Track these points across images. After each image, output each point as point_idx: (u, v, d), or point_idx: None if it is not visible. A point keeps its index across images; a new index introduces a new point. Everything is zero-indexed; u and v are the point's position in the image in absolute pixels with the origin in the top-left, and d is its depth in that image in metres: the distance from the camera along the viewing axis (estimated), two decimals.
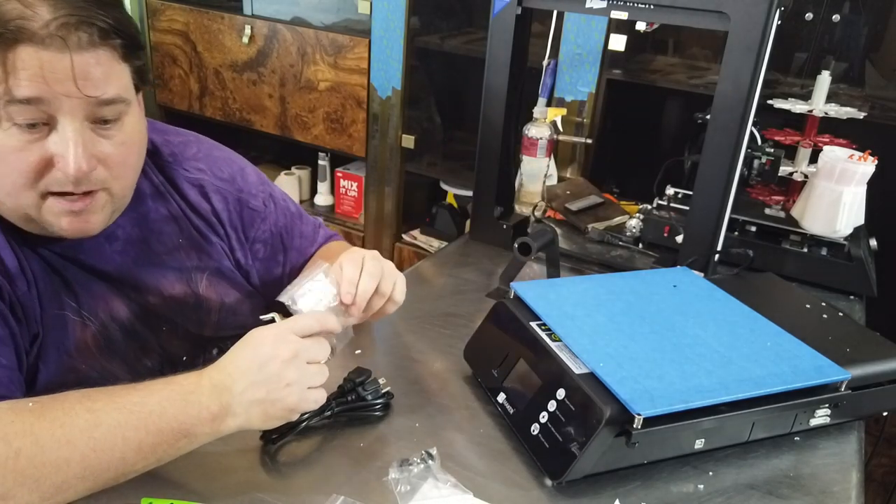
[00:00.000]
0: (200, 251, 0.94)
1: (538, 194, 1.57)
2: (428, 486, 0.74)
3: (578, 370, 0.80)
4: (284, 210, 1.06)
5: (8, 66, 0.67)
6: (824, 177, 1.30)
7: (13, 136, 0.70)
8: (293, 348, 0.72)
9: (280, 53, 2.13)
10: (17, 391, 0.74)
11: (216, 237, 0.96)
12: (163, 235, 0.91)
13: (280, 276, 1.05)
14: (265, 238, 1.03)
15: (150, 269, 0.89)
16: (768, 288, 1.13)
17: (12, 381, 0.74)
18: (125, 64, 0.75)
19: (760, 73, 1.09)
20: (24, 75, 0.67)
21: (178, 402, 0.69)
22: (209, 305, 0.95)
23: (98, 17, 0.69)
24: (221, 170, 0.98)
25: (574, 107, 1.81)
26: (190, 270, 0.93)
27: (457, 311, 1.15)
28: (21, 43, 0.66)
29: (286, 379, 0.71)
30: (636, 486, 0.79)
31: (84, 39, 0.69)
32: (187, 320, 0.93)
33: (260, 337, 0.73)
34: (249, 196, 1.00)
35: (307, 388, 0.73)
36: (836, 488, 0.81)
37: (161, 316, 0.91)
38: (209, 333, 0.96)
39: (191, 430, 0.69)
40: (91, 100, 0.71)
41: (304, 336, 0.74)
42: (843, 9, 1.66)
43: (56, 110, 0.70)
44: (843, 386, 0.85)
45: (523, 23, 1.27)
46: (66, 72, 0.69)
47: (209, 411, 0.69)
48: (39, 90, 0.68)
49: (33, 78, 0.67)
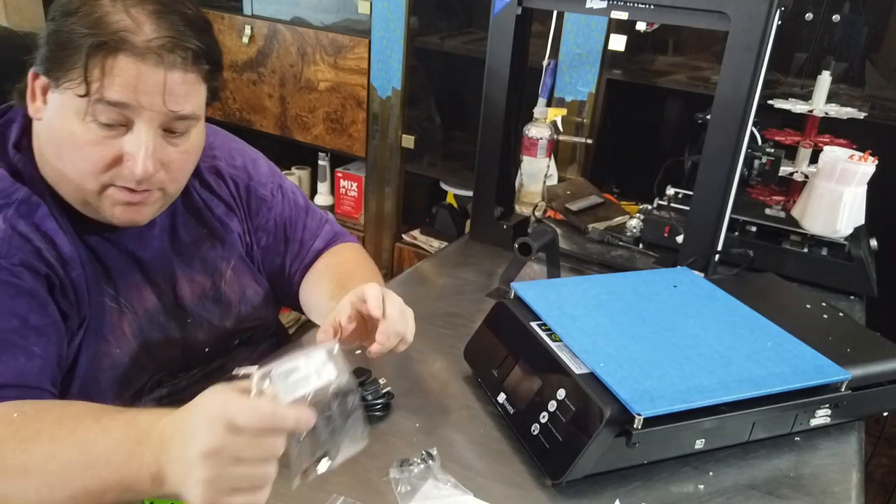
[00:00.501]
0: (223, 241, 0.98)
1: (538, 194, 1.57)
2: (428, 487, 0.74)
3: (579, 370, 0.80)
4: (292, 202, 1.08)
5: (106, 70, 0.73)
6: (825, 177, 1.30)
7: (92, 130, 0.75)
8: (214, 441, 0.56)
9: (280, 53, 2.13)
10: (47, 381, 0.75)
11: (235, 220, 1.00)
12: (188, 226, 0.95)
13: (280, 266, 1.07)
14: (269, 227, 1.05)
15: (179, 259, 0.93)
16: (769, 288, 1.13)
17: (44, 372, 0.75)
18: (205, 84, 0.82)
19: (761, 73, 1.09)
20: (119, 81, 0.73)
21: (124, 452, 0.61)
22: (230, 298, 0.98)
23: (193, 42, 0.76)
24: (234, 158, 1.02)
25: (574, 107, 1.81)
26: (215, 261, 0.97)
27: (457, 311, 1.15)
28: (122, 52, 0.73)
29: (198, 473, 0.56)
30: (636, 487, 0.79)
31: (178, 60, 0.75)
32: (210, 313, 0.96)
33: (201, 404, 0.60)
34: (258, 185, 1.03)
35: (230, 489, 0.57)
36: (836, 488, 0.81)
37: (186, 308, 0.93)
38: (231, 326, 0.98)
39: (132, 486, 0.61)
40: (171, 114, 0.77)
41: (246, 426, 0.57)
42: (843, 9, 1.66)
43: (136, 116, 0.76)
44: (843, 386, 0.85)
45: (523, 23, 1.27)
46: (157, 86, 0.75)
47: (149, 471, 0.60)
48: (128, 97, 0.74)
49: (126, 85, 0.73)
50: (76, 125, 0.75)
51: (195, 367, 0.96)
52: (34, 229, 0.77)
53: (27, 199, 0.78)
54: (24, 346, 0.73)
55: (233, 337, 1.00)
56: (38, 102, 0.79)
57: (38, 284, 0.76)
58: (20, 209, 0.77)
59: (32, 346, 0.74)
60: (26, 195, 0.78)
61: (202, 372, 0.97)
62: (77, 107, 0.75)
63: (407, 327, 0.83)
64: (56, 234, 0.79)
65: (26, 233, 0.77)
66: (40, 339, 0.75)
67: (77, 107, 0.75)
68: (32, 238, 0.77)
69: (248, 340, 1.04)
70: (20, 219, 0.77)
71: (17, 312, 0.74)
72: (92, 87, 0.73)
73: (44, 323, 0.76)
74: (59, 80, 0.75)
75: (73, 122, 0.75)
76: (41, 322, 0.75)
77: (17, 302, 0.74)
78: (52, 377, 0.77)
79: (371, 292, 0.81)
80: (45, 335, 0.75)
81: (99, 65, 0.72)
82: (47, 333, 0.76)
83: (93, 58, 0.72)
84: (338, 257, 1.08)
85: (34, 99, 0.79)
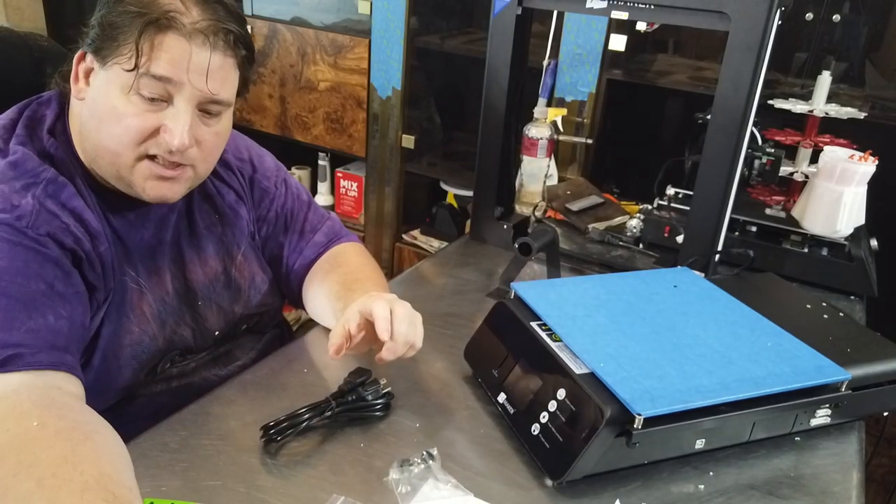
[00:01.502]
0: (234, 227, 1.01)
1: (538, 194, 1.57)
2: (428, 487, 0.74)
3: (579, 370, 0.80)
4: (295, 196, 1.10)
5: (154, 45, 0.78)
6: (825, 177, 1.30)
7: (134, 103, 0.80)
8: None
9: (280, 53, 2.13)
10: (73, 345, 0.77)
11: (244, 208, 1.03)
12: (203, 212, 0.98)
13: (279, 256, 1.09)
14: (270, 218, 1.07)
15: (193, 242, 0.97)
16: (769, 288, 1.13)
17: (71, 335, 0.76)
18: (239, 73, 0.87)
19: (761, 73, 1.09)
20: (166, 58, 0.78)
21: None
22: (240, 283, 1.01)
23: (234, 27, 0.83)
24: (241, 152, 1.06)
25: (574, 107, 1.81)
26: (227, 245, 1.00)
27: (457, 311, 1.15)
28: (171, 30, 0.78)
29: None
30: (637, 487, 0.79)
31: (220, 43, 0.81)
32: (221, 297, 0.99)
33: None
34: (262, 177, 1.07)
35: None
36: (836, 488, 0.81)
37: (198, 291, 0.96)
38: (239, 311, 1.01)
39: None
40: (209, 94, 0.82)
41: None
42: (843, 9, 1.66)
43: (177, 92, 0.81)
44: (843, 386, 0.85)
45: (523, 23, 1.27)
46: (201, 65, 0.81)
47: None
48: (174, 73, 0.79)
49: (172, 62, 0.79)
50: (119, 99, 0.80)
51: (205, 350, 0.99)
52: (61, 207, 0.80)
53: (54, 179, 0.81)
54: (51, 306, 0.75)
55: (241, 322, 1.02)
56: (80, 83, 0.83)
57: (63, 255, 0.79)
58: (48, 188, 0.80)
59: (60, 309, 0.76)
60: (53, 175, 0.81)
61: (210, 355, 1.00)
62: (123, 81, 0.79)
63: (416, 335, 0.87)
64: (84, 210, 0.82)
65: (54, 209, 0.80)
66: (65, 305, 0.77)
67: (123, 81, 0.79)
68: (60, 214, 0.80)
69: (254, 327, 1.06)
70: (48, 197, 0.80)
71: (45, 278, 0.76)
72: (140, 61, 0.78)
73: (68, 291, 0.78)
74: (106, 59, 0.79)
75: (117, 95, 0.80)
76: (66, 290, 0.77)
77: (45, 269, 0.76)
78: (77, 343, 0.79)
79: (379, 312, 0.84)
80: (69, 302, 0.77)
81: (149, 41, 0.78)
82: (72, 301, 0.78)
83: (144, 34, 0.77)
84: (341, 257, 1.09)
85: (77, 80, 0.83)
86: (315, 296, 1.04)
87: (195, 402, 0.87)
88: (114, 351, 0.86)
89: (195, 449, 0.78)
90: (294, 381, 0.93)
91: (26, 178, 0.80)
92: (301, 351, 1.01)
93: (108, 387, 0.87)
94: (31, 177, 0.80)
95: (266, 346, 1.08)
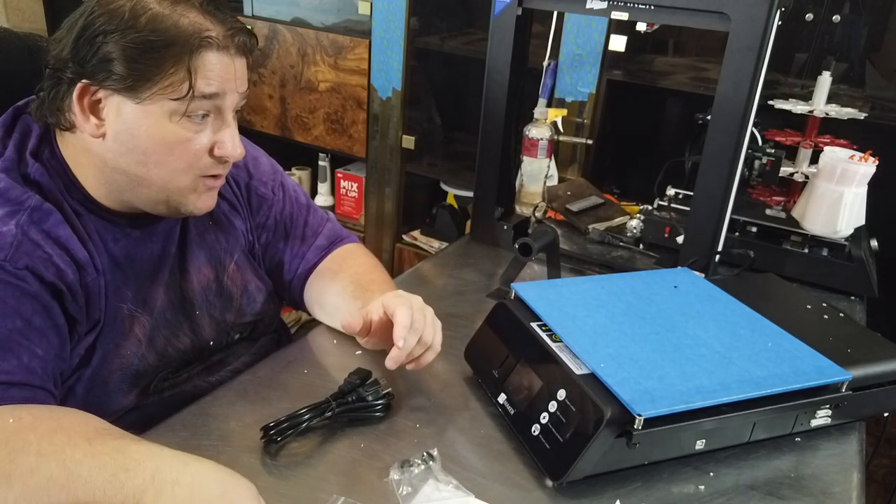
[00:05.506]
0: (227, 235, 1.00)
1: (539, 195, 1.57)
2: (429, 488, 0.74)
3: (579, 371, 0.80)
4: (293, 200, 1.09)
5: (196, 68, 0.78)
6: (825, 177, 1.30)
7: (184, 127, 0.81)
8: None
9: (280, 54, 2.13)
10: (50, 382, 0.76)
11: (239, 218, 1.02)
12: (196, 219, 0.96)
13: (280, 262, 1.08)
14: (269, 225, 1.06)
15: (188, 250, 0.95)
16: (769, 288, 1.13)
17: (46, 372, 0.76)
18: None
19: (761, 73, 1.09)
20: (211, 75, 0.80)
21: (104, 476, 0.64)
22: (232, 291, 1.00)
23: (245, 30, 0.85)
24: None
25: (574, 107, 1.81)
26: (219, 253, 0.99)
27: (457, 311, 1.14)
28: (205, 49, 0.79)
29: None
30: (637, 487, 0.79)
31: (241, 47, 0.83)
32: (213, 305, 0.97)
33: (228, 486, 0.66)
34: (259, 183, 1.05)
35: None
36: (836, 489, 0.81)
37: (193, 301, 0.95)
38: (231, 319, 1.00)
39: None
40: (241, 95, 0.85)
41: None
42: (843, 9, 1.66)
43: (223, 103, 0.83)
44: (843, 387, 0.85)
45: (524, 23, 1.27)
46: (240, 72, 0.84)
47: (125, 501, 0.63)
48: (220, 87, 0.81)
49: (216, 77, 0.80)
50: (167, 127, 0.80)
51: (199, 360, 0.98)
52: (45, 236, 0.78)
53: (39, 207, 0.79)
54: (27, 346, 0.74)
55: (233, 331, 1.01)
56: (93, 120, 0.79)
57: (42, 289, 0.76)
58: (33, 216, 0.78)
59: (35, 346, 0.75)
60: (38, 202, 0.79)
61: (203, 366, 0.98)
62: (171, 109, 0.79)
63: (435, 337, 0.89)
64: (69, 239, 0.80)
65: (37, 239, 0.77)
66: (42, 340, 0.76)
67: (171, 109, 0.79)
68: (43, 244, 0.77)
69: (248, 336, 1.05)
70: (32, 225, 0.78)
71: (22, 314, 0.74)
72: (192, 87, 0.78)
73: (45, 324, 0.76)
74: (141, 93, 0.77)
75: (164, 125, 0.79)
76: (43, 323, 0.76)
77: (22, 304, 0.75)
78: (54, 378, 0.78)
79: (401, 319, 0.85)
80: (46, 337, 0.76)
81: (194, 65, 0.78)
82: (49, 336, 0.77)
83: (191, 61, 0.78)
84: (350, 258, 1.08)
85: (87, 118, 0.79)
86: (324, 295, 1.04)
87: (195, 404, 0.87)
88: (102, 377, 0.85)
89: (196, 450, 0.78)
90: (294, 381, 0.93)
91: (10, 206, 0.77)
92: (301, 351, 1.01)
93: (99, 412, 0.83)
94: (14, 204, 0.78)
95: (260, 352, 1.06)
